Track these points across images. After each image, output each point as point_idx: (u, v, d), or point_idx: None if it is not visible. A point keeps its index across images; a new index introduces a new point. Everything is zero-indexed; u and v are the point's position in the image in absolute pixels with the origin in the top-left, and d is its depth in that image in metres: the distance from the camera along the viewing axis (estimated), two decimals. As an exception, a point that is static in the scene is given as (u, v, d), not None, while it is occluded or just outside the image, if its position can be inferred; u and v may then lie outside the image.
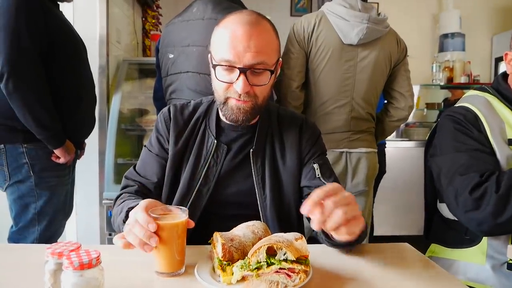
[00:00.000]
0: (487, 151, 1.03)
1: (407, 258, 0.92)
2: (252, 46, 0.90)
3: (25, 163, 1.60)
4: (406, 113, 1.87)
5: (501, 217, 0.94)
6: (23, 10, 1.47)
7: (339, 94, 1.76)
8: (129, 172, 1.09)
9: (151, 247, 0.74)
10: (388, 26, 1.79)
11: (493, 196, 0.94)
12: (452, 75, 3.86)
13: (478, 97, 1.14)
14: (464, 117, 1.09)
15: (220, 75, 0.94)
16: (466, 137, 1.06)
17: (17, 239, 1.65)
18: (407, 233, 3.33)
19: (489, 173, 0.98)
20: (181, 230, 0.77)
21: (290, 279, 0.71)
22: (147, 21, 3.34)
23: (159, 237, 0.74)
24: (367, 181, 1.82)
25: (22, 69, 1.47)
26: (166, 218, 0.77)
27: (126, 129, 2.65)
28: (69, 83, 1.69)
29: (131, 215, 0.77)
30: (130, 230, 0.74)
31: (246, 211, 1.01)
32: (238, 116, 0.96)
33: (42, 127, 1.55)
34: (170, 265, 0.77)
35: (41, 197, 1.64)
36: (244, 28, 0.91)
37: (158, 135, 1.08)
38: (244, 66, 0.90)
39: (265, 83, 0.94)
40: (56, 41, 1.61)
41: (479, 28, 4.17)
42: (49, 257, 0.65)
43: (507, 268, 1.03)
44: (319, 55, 1.74)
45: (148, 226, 0.73)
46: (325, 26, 1.74)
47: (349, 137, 1.78)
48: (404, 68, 1.88)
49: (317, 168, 1.04)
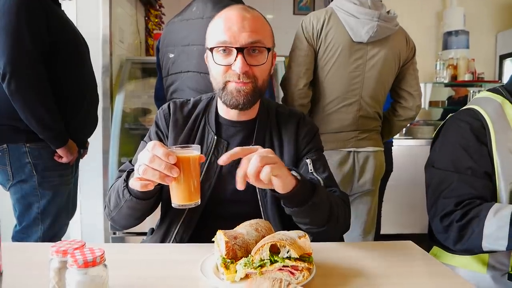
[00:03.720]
0: (480, 172, 1.02)
1: (411, 255, 0.92)
2: (246, 26, 0.93)
3: (28, 162, 1.60)
4: (414, 112, 1.86)
5: (460, 244, 0.99)
6: (24, 10, 1.48)
7: (347, 93, 1.74)
8: (124, 165, 1.09)
9: (171, 178, 0.76)
10: (398, 25, 1.77)
11: (455, 225, 0.99)
12: (456, 72, 3.84)
13: (491, 101, 1.10)
14: (470, 127, 1.07)
15: (217, 58, 0.95)
16: (464, 154, 1.05)
17: (21, 238, 1.66)
18: (412, 231, 3.32)
19: (468, 201, 0.99)
20: (197, 163, 0.82)
21: (293, 277, 0.71)
22: (150, 21, 3.35)
23: (178, 169, 0.77)
24: (374, 180, 1.81)
25: (24, 69, 1.48)
26: (181, 153, 0.80)
27: (129, 128, 2.66)
28: (71, 83, 1.70)
29: (144, 153, 0.78)
30: (148, 166, 0.76)
31: (246, 208, 1.01)
32: (239, 99, 0.96)
33: (44, 127, 1.55)
34: (188, 197, 0.81)
35: (44, 196, 1.65)
36: (237, 12, 0.95)
37: (158, 131, 1.08)
38: (241, 46, 0.92)
39: (263, 62, 0.96)
40: (58, 41, 1.61)
41: (483, 25, 4.14)
42: (54, 255, 0.66)
43: (508, 279, 1.02)
44: (328, 52, 1.72)
45: (168, 158, 0.75)
46: (334, 23, 1.71)
47: (357, 136, 1.77)
48: (413, 67, 1.85)
49: (309, 163, 1.04)
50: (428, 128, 3.67)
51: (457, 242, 1.00)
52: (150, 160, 0.75)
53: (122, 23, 2.79)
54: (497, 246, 0.92)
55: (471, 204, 0.98)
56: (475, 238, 0.95)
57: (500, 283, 1.03)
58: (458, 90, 4.00)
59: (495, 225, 0.92)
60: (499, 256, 1.03)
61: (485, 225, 0.93)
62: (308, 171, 1.03)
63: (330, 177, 1.05)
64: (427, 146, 3.38)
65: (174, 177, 0.76)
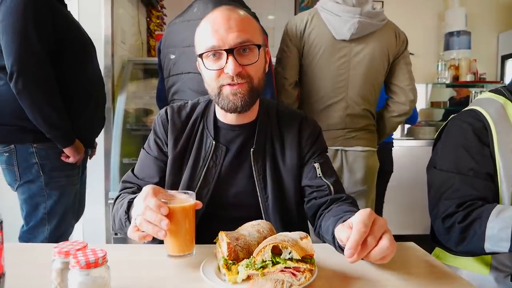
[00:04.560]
0: (482, 174, 1.02)
1: (413, 257, 0.91)
2: (233, 25, 0.91)
3: (35, 163, 1.61)
4: (407, 107, 1.82)
5: (462, 246, 0.99)
6: (31, 10, 1.48)
7: (333, 91, 1.75)
8: (127, 176, 1.08)
9: (165, 232, 0.74)
10: (385, 19, 1.75)
11: (457, 227, 0.98)
12: (458, 73, 3.84)
13: (493, 102, 1.10)
14: (473, 128, 1.06)
15: (208, 64, 0.93)
16: (466, 155, 1.05)
17: (27, 238, 1.67)
18: (413, 232, 3.31)
19: (470, 202, 0.99)
20: (191, 213, 0.80)
21: (295, 278, 0.71)
22: (151, 21, 3.36)
23: (171, 220, 0.75)
24: (365, 181, 1.79)
25: (31, 68, 1.48)
26: (174, 202, 0.79)
27: (131, 129, 2.67)
28: (78, 82, 1.70)
29: (139, 203, 0.77)
30: (143, 219, 0.75)
31: (247, 212, 0.99)
32: (236, 102, 0.94)
33: (51, 126, 1.56)
34: (181, 248, 0.80)
35: (51, 197, 1.65)
36: (222, 13, 0.93)
37: (156, 138, 1.06)
38: (230, 47, 0.90)
39: (255, 60, 0.93)
40: (64, 40, 1.62)
41: (485, 25, 4.14)
42: (56, 256, 0.66)
43: (510, 280, 1.02)
44: (311, 51, 1.73)
45: (160, 210, 0.74)
46: (317, 23, 1.73)
47: (344, 135, 1.76)
48: (405, 61, 1.82)
49: (317, 167, 1.02)
50: (429, 129, 3.67)
51: (459, 243, 0.99)
52: (143, 212, 0.75)
53: (123, 24, 2.80)
54: (499, 247, 0.92)
55: (473, 206, 0.98)
56: (477, 239, 0.95)
57: (503, 285, 1.03)
58: (459, 90, 3.99)
59: (497, 226, 0.91)
60: (501, 257, 1.03)
61: (487, 226, 0.93)
62: (316, 175, 1.02)
63: (337, 180, 1.04)
64: (428, 147, 3.38)
65: (165, 229, 0.74)
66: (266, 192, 1.01)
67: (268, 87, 1.65)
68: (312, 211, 1.01)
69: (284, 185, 1.03)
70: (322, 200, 0.99)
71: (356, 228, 0.67)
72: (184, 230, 0.79)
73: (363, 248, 0.67)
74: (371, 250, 0.68)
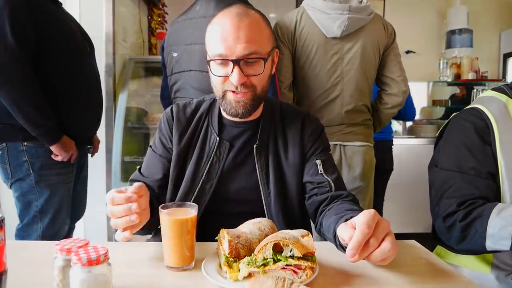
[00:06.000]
0: (484, 173, 1.02)
1: (414, 255, 0.91)
2: (242, 36, 0.91)
3: (25, 161, 1.61)
4: (400, 99, 1.82)
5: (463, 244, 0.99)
6: (6, 8, 1.46)
7: (329, 88, 1.74)
8: (134, 175, 1.10)
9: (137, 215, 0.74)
10: (372, 13, 1.75)
11: (458, 225, 0.98)
12: (460, 71, 3.83)
13: (495, 100, 1.09)
14: (474, 127, 1.06)
15: (215, 69, 0.95)
16: (467, 154, 1.05)
17: (22, 236, 1.67)
18: (414, 230, 3.31)
19: (471, 201, 0.98)
20: (191, 225, 0.79)
21: (296, 276, 0.71)
22: (152, 20, 3.35)
23: (171, 232, 0.76)
24: (364, 176, 1.79)
25: (6, 66, 1.47)
26: (176, 214, 0.79)
27: (132, 127, 2.68)
28: (64, 79, 1.67)
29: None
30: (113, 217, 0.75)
31: (250, 207, 1.01)
32: (238, 109, 0.97)
33: (32, 123, 1.54)
34: (180, 260, 0.79)
35: (42, 195, 1.65)
36: (232, 21, 0.92)
37: (161, 136, 1.09)
38: (237, 58, 0.91)
39: (260, 72, 0.94)
40: (48, 37, 1.59)
41: (487, 24, 4.13)
42: (58, 253, 0.66)
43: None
44: (304, 51, 1.73)
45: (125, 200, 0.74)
46: (306, 22, 1.72)
47: (342, 130, 1.76)
48: (394, 52, 1.82)
49: (319, 164, 1.03)
50: (430, 127, 3.66)
51: (460, 242, 0.99)
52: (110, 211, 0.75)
53: (125, 22, 2.80)
54: (500, 246, 0.92)
55: (474, 204, 0.98)
56: (478, 238, 0.94)
57: (504, 283, 1.03)
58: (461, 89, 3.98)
59: (498, 224, 0.91)
60: (503, 256, 1.03)
61: (488, 224, 0.93)
62: (317, 172, 1.02)
63: (339, 177, 1.05)
64: (429, 145, 3.38)
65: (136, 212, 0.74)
66: (269, 187, 1.02)
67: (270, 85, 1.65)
68: (313, 208, 1.02)
69: (286, 181, 1.04)
70: (323, 196, 0.99)
71: (360, 229, 0.67)
72: (184, 242, 0.78)
73: (365, 249, 0.67)
74: (372, 251, 0.68)
